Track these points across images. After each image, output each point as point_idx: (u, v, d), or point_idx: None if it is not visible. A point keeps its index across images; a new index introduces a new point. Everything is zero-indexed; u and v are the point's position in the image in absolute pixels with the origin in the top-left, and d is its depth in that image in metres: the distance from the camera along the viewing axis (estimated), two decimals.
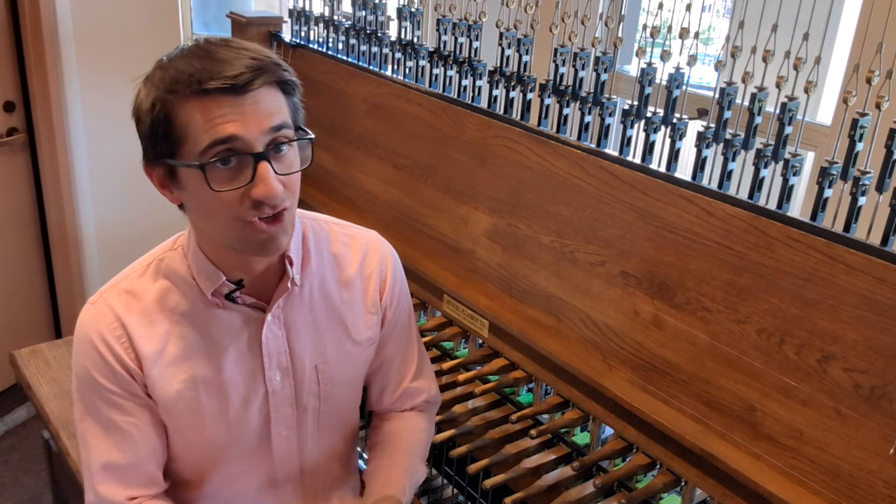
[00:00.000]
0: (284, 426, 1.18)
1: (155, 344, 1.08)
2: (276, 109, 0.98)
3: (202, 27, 3.18)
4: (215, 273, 1.08)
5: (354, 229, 1.26)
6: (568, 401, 1.41)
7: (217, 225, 1.02)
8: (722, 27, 2.78)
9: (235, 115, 0.94)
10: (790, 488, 1.09)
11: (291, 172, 1.00)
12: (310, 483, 1.25)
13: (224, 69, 0.94)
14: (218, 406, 1.12)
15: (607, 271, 1.33)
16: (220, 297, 1.10)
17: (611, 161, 1.31)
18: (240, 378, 1.12)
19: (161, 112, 0.96)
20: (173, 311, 1.10)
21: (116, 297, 1.10)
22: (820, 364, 1.06)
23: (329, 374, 1.19)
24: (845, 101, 1.06)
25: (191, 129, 0.95)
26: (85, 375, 1.09)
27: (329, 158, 2.03)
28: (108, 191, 2.98)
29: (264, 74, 0.96)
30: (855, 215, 1.06)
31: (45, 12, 2.64)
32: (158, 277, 1.11)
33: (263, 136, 0.96)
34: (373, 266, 1.23)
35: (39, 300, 3.06)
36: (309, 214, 1.22)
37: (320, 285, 1.17)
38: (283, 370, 1.15)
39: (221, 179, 0.96)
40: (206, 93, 0.93)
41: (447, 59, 1.66)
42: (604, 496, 1.28)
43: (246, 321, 1.12)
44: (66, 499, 1.91)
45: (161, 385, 1.09)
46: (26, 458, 2.85)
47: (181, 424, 1.12)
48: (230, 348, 1.11)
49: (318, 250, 1.18)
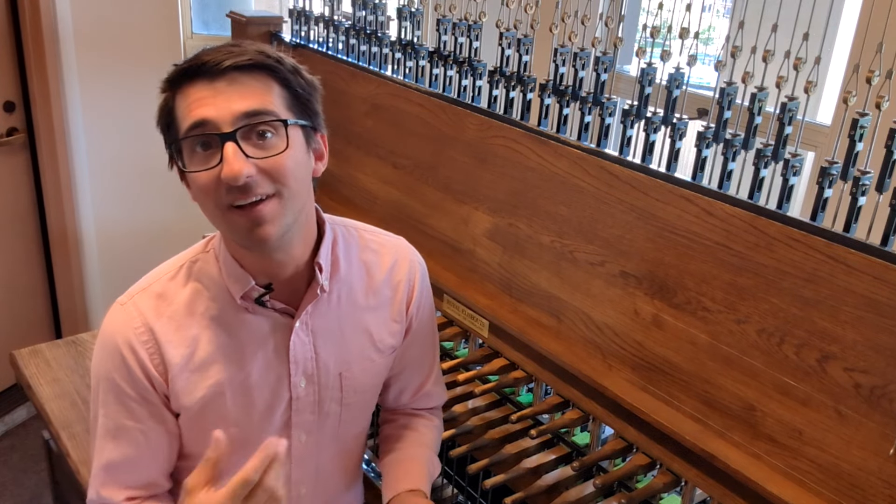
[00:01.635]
0: (304, 431, 1.17)
1: (183, 349, 1.07)
2: (254, 94, 0.98)
3: (202, 27, 3.17)
4: (244, 276, 1.07)
5: (384, 236, 1.25)
6: (568, 401, 1.41)
7: (208, 215, 1.03)
8: (722, 27, 2.78)
9: (208, 98, 0.96)
10: (790, 488, 1.09)
11: (270, 156, 0.98)
12: (322, 490, 1.25)
13: (203, 56, 0.97)
14: (242, 410, 1.11)
15: (607, 271, 1.33)
16: (250, 302, 1.09)
17: (611, 161, 1.31)
18: (265, 384, 1.12)
19: (164, 105, 1.01)
20: (203, 316, 1.09)
21: (146, 300, 1.09)
22: (820, 364, 1.06)
23: (351, 381, 1.19)
24: (845, 101, 1.06)
25: (178, 117, 0.99)
26: (105, 377, 1.08)
27: (329, 158, 2.03)
28: (108, 191, 2.98)
29: (237, 56, 0.97)
30: (855, 215, 1.06)
31: (45, 12, 2.64)
32: (190, 280, 1.10)
33: (234, 119, 0.96)
34: (401, 275, 1.22)
35: (39, 300, 3.06)
36: (338, 220, 1.20)
37: (349, 292, 1.16)
38: (309, 377, 1.14)
39: (198, 162, 0.98)
40: (186, 78, 0.97)
41: (447, 59, 1.66)
42: (604, 496, 1.28)
43: (274, 327, 1.11)
44: (66, 499, 1.91)
45: (187, 390, 1.08)
46: (26, 458, 2.85)
47: (203, 428, 1.11)
48: (258, 353, 1.10)
49: (348, 257, 1.17)
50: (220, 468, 0.93)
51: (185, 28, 3.03)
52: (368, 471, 1.50)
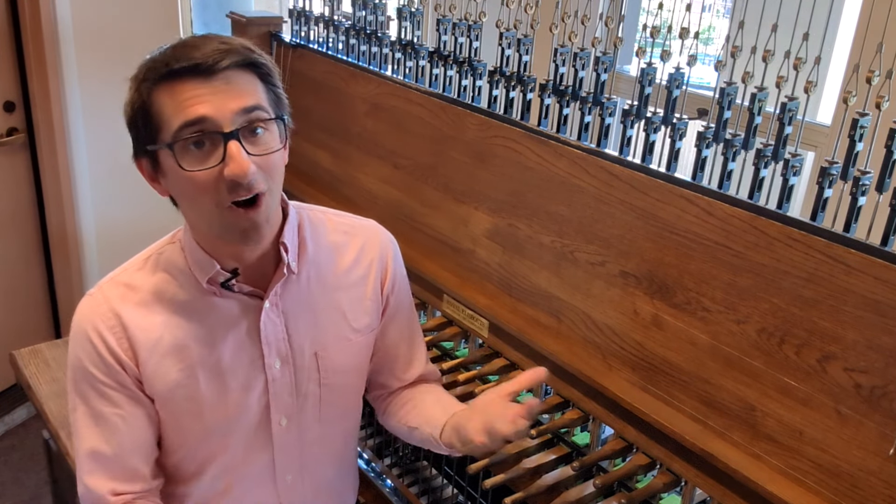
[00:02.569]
0: (284, 414, 1.18)
1: (152, 333, 1.09)
2: (248, 91, 0.99)
3: (202, 27, 3.17)
4: (209, 262, 1.08)
5: (353, 219, 1.27)
6: (568, 401, 1.41)
7: (200, 213, 1.03)
8: (722, 27, 2.78)
9: (205, 95, 0.96)
10: (790, 488, 1.09)
11: (266, 153, 1.00)
12: (309, 477, 1.25)
13: (192, 52, 0.96)
14: (217, 393, 1.13)
15: (607, 271, 1.33)
16: (216, 286, 1.10)
17: (611, 161, 1.31)
18: (239, 366, 1.13)
19: (138, 101, 1.00)
20: (171, 302, 1.10)
21: (113, 288, 1.11)
22: (820, 364, 1.06)
23: (328, 362, 1.20)
24: (845, 101, 1.06)
25: (164, 115, 0.97)
26: (78, 365, 1.10)
27: (329, 158, 2.03)
28: (108, 191, 2.98)
29: (232, 55, 0.97)
30: (855, 215, 1.06)
31: (45, 12, 2.64)
32: (157, 270, 1.12)
33: (236, 117, 0.97)
34: (373, 253, 1.24)
35: (39, 300, 3.06)
36: (306, 206, 1.22)
37: (318, 273, 1.18)
38: (283, 358, 1.15)
39: (193, 161, 0.97)
40: (175, 75, 0.96)
41: (447, 59, 1.66)
42: (604, 496, 1.28)
43: (244, 309, 1.13)
44: (65, 498, 1.91)
45: (159, 374, 1.10)
46: (26, 458, 2.85)
47: (179, 413, 1.13)
48: (229, 336, 1.12)
49: (315, 239, 1.19)
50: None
51: (185, 28, 3.03)
52: (368, 471, 1.51)
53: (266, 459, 1.20)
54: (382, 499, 1.47)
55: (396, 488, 1.48)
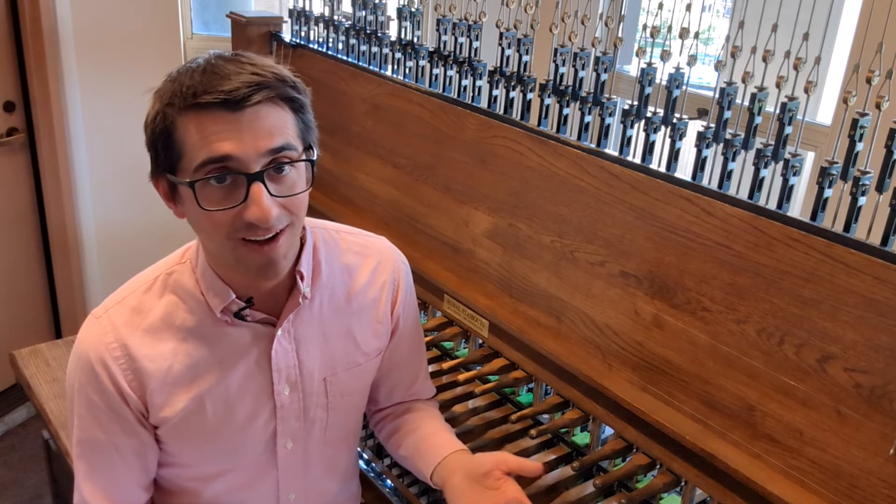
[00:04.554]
0: (290, 438, 1.16)
1: (160, 363, 1.06)
2: (278, 128, 0.94)
3: (202, 27, 3.17)
4: (224, 290, 1.05)
5: (365, 237, 1.23)
6: (568, 401, 1.41)
7: (214, 244, 1.00)
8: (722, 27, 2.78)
9: (231, 132, 0.91)
10: (790, 488, 1.09)
11: (291, 195, 0.97)
12: (313, 495, 1.24)
13: (221, 83, 0.90)
14: (224, 420, 1.10)
15: (607, 271, 1.33)
16: (229, 315, 1.07)
17: (611, 161, 1.31)
18: (247, 393, 1.11)
19: (160, 124, 0.94)
20: (180, 329, 1.07)
21: (121, 314, 1.07)
22: (820, 364, 1.06)
23: (337, 386, 1.18)
24: (845, 101, 1.06)
25: (187, 145, 0.93)
26: (79, 389, 1.07)
27: (329, 158, 2.03)
28: (108, 191, 2.98)
29: (264, 90, 0.92)
30: (855, 215, 1.06)
31: (45, 12, 2.64)
32: (165, 293, 1.08)
33: (261, 157, 0.92)
34: (385, 276, 1.21)
35: (39, 300, 3.06)
36: (318, 223, 1.19)
37: (330, 297, 1.15)
38: (293, 384, 1.13)
39: (214, 198, 0.93)
40: (201, 107, 0.90)
41: (447, 59, 1.66)
42: (604, 496, 1.28)
43: (255, 337, 1.10)
44: (65, 498, 1.91)
45: (167, 403, 1.07)
46: (26, 458, 2.85)
47: (184, 438, 1.11)
48: (239, 364, 1.09)
49: (329, 261, 1.16)
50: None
51: (185, 28, 3.03)
52: (368, 471, 1.50)
53: (270, 480, 1.18)
54: (382, 499, 1.47)
55: (396, 488, 1.48)
